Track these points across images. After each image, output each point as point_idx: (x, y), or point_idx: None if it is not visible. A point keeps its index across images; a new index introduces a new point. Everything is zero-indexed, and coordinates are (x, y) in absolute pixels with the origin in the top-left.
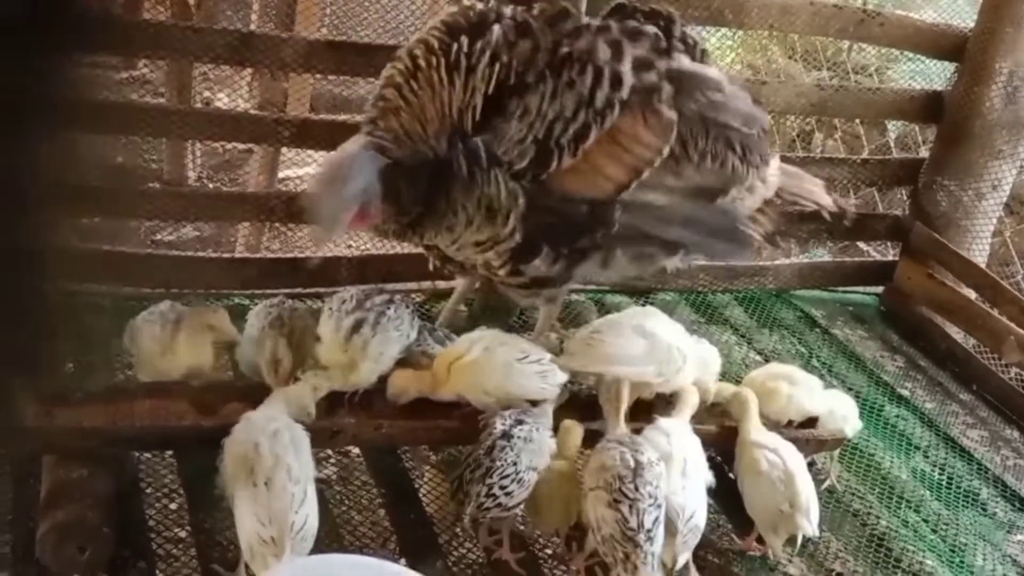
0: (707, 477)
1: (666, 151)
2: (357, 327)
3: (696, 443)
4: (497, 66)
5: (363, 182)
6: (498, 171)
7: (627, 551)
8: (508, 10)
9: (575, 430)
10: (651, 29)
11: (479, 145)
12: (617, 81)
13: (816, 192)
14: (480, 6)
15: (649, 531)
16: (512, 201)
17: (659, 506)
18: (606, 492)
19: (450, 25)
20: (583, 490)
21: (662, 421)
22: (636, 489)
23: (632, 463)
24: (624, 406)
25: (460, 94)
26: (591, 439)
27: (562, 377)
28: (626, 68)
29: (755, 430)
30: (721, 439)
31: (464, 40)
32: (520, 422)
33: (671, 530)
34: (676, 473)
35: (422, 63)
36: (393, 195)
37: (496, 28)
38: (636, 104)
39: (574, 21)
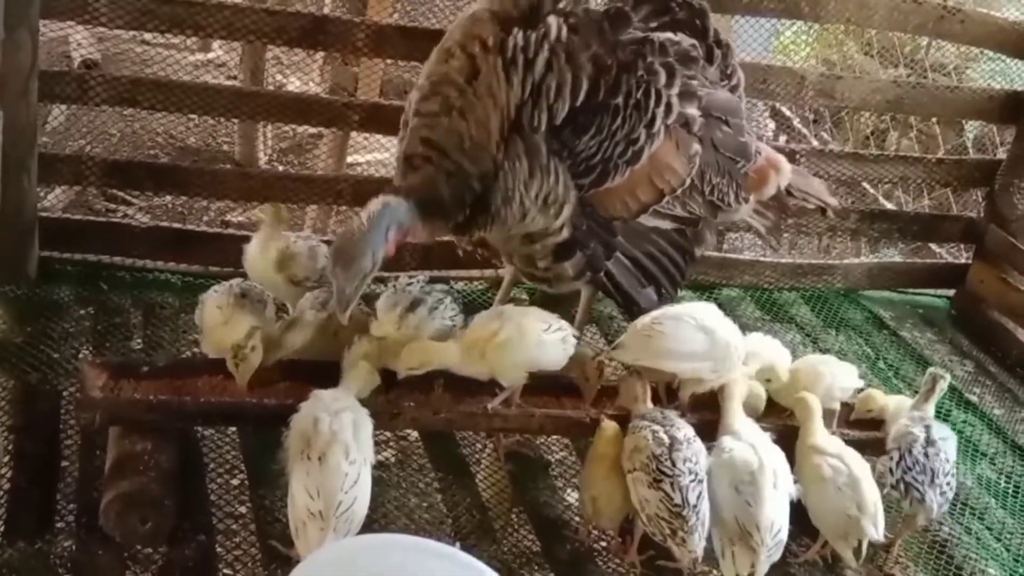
0: (791, 489)
1: (688, 181)
2: (413, 306)
3: (780, 454)
4: (583, 77)
5: (374, 250)
6: (558, 162)
7: (674, 527)
8: (568, 5)
9: (610, 429)
10: (695, 49)
11: (539, 141)
12: (669, 107)
13: (822, 191)
14: None
15: (695, 506)
16: (567, 194)
17: (701, 481)
18: (645, 473)
19: (500, 16)
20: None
21: (743, 431)
22: (674, 465)
23: (666, 440)
24: (647, 394)
25: (518, 91)
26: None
27: (574, 341)
28: (675, 94)
29: (818, 434)
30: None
31: (519, 34)
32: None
33: (752, 545)
34: (768, 485)
35: (481, 65)
36: (432, 216)
37: (553, 22)
38: (673, 131)
39: (632, 26)
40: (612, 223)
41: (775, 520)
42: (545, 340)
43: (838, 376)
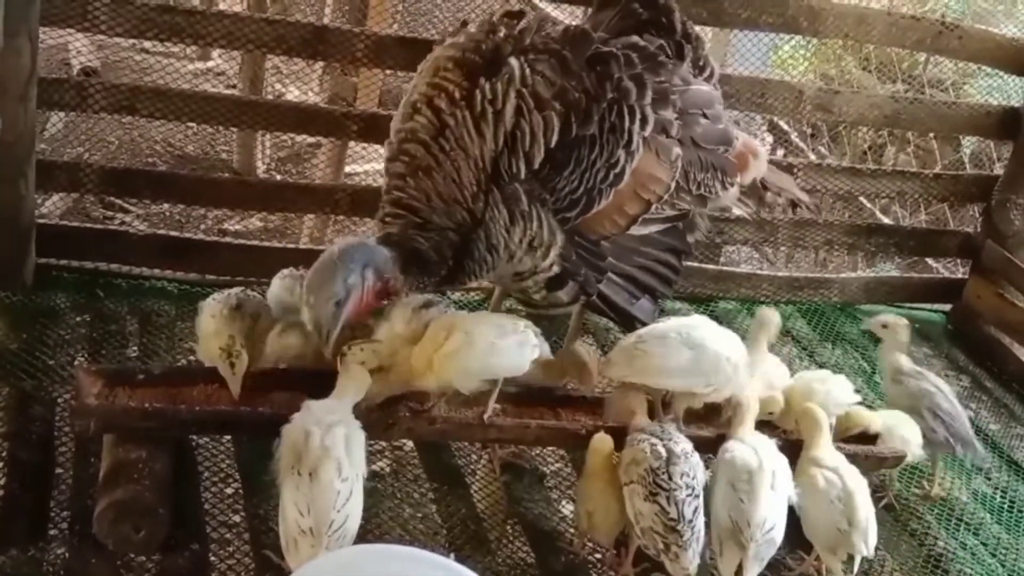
0: (791, 493)
1: (673, 185)
2: (428, 305)
3: (783, 459)
4: (554, 117)
5: (346, 278)
6: (539, 208)
7: (667, 541)
8: (527, 36)
9: (604, 443)
10: (662, 50)
11: (518, 189)
12: (644, 120)
13: (793, 186)
14: (499, 32)
15: (690, 521)
16: (552, 236)
17: (697, 496)
18: (641, 486)
19: (464, 64)
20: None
21: (748, 438)
22: (670, 479)
23: (664, 453)
24: (644, 408)
25: (491, 144)
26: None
27: (536, 342)
28: (647, 104)
29: (820, 446)
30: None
31: (485, 85)
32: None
33: (742, 540)
34: (765, 486)
35: (448, 120)
36: (413, 269)
37: (515, 64)
38: (651, 140)
39: (593, 44)
40: (601, 245)
41: (768, 518)
42: (499, 346)
43: (833, 392)
